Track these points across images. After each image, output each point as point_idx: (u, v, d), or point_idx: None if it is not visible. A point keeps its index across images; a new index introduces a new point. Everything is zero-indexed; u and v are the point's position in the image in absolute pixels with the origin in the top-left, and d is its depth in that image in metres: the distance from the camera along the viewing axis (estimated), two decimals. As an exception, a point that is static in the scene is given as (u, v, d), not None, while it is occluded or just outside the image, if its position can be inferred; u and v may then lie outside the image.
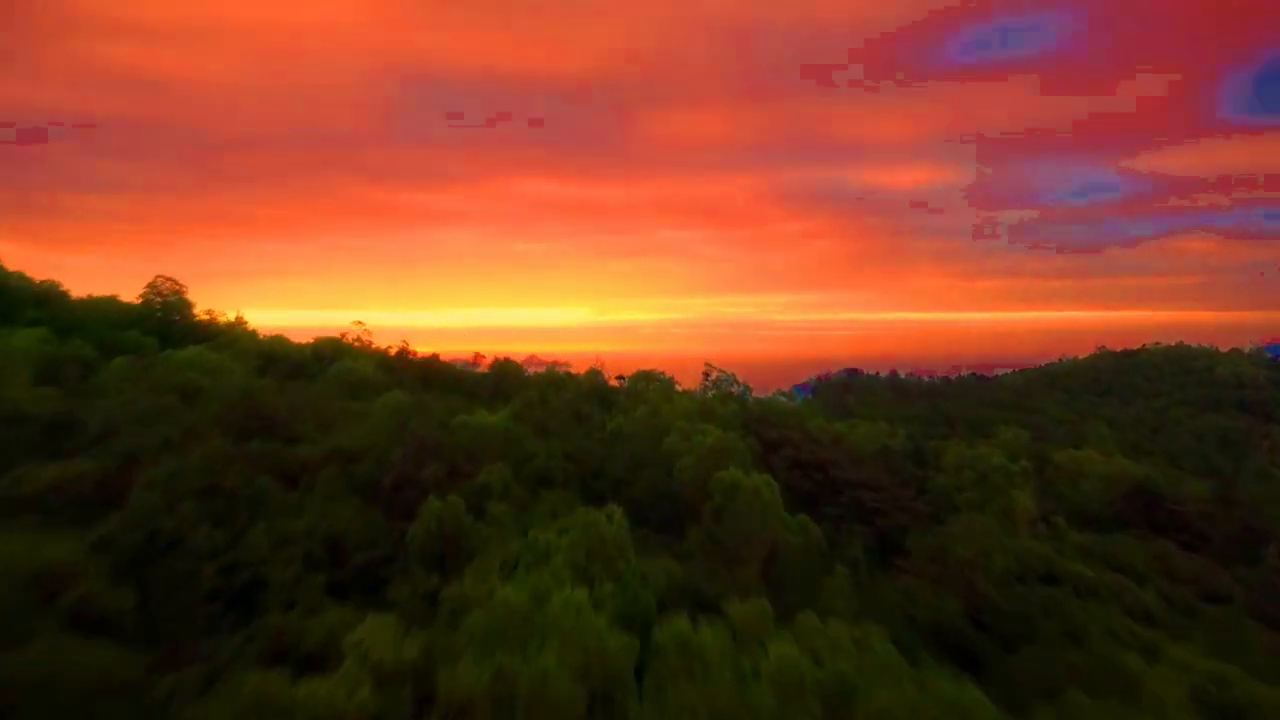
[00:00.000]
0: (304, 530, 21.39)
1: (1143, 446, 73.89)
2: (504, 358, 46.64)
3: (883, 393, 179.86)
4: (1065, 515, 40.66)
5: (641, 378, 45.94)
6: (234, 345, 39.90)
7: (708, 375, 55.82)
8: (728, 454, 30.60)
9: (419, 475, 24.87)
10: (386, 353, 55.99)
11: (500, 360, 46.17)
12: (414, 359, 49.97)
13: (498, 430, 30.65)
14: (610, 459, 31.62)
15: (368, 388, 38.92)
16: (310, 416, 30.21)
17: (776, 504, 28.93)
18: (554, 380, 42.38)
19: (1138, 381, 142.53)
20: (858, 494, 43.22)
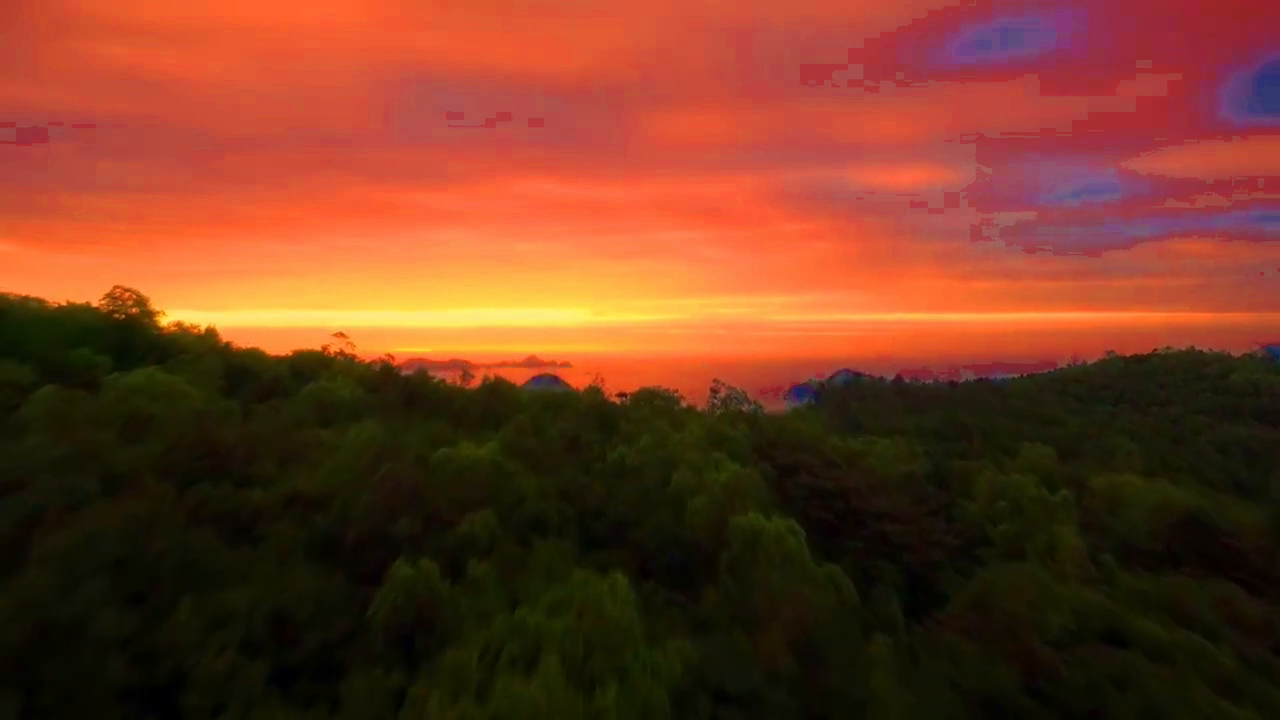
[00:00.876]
0: (246, 605, 17.71)
1: (1170, 462, 70.28)
2: (495, 375, 42.69)
3: (888, 398, 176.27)
4: (1110, 551, 37.08)
5: (645, 397, 42.19)
6: (198, 363, 36.26)
7: (715, 393, 52.11)
8: (745, 493, 27.03)
9: (389, 529, 21.22)
10: (373, 365, 52.40)
11: (491, 380, 42.18)
12: (399, 375, 46.30)
13: (484, 466, 27.00)
14: (612, 498, 27.98)
15: (344, 412, 35.27)
16: (272, 450, 26.52)
17: (803, 555, 25.34)
18: (549, 401, 38.61)
19: (1150, 388, 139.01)
20: (882, 526, 39.59)
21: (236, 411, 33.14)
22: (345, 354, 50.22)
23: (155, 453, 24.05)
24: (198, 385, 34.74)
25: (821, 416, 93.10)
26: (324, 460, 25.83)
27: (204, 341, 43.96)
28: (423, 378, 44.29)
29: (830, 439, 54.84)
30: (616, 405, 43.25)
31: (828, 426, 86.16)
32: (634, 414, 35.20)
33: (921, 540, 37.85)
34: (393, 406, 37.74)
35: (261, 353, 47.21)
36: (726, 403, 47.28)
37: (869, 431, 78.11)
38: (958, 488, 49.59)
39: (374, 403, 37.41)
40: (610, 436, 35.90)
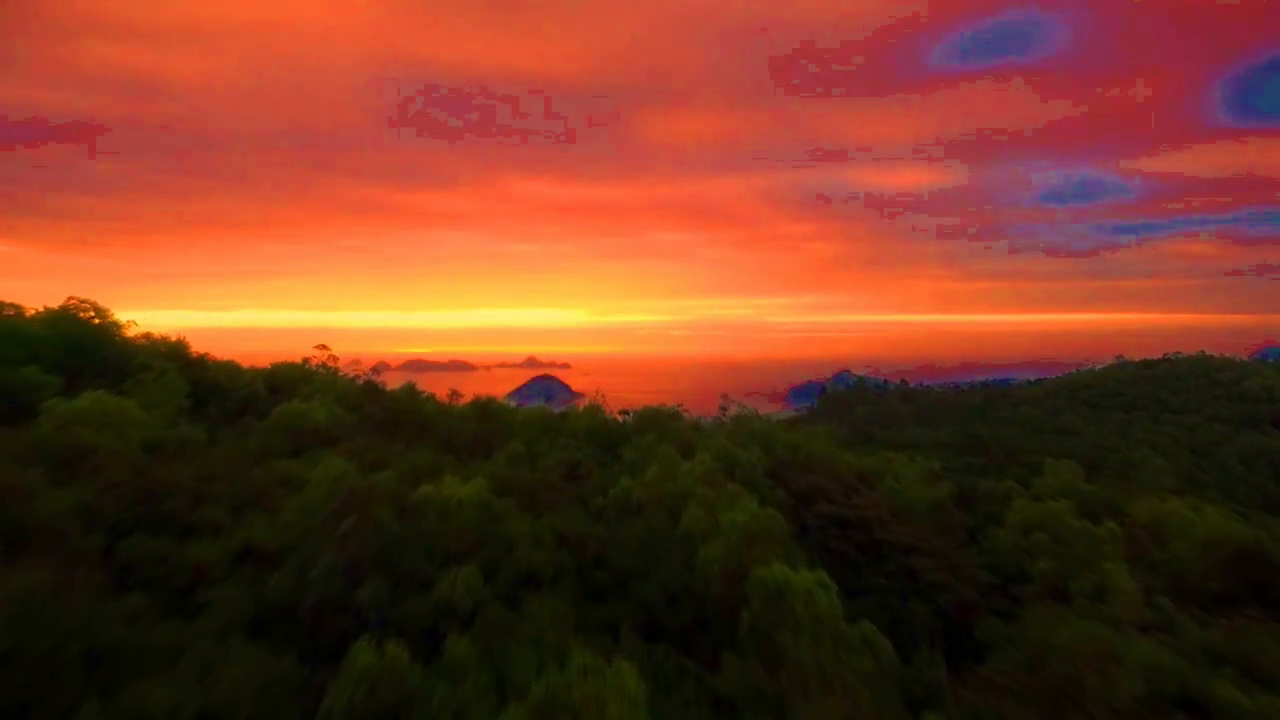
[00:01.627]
0: (167, 707, 14.42)
1: (1196, 478, 67.09)
2: (486, 397, 39.27)
3: (893, 404, 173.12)
4: (1162, 591, 33.86)
5: (650, 417, 38.75)
6: (159, 382, 32.94)
7: (725, 410, 48.78)
8: (766, 538, 23.78)
9: (352, 596, 17.93)
10: (358, 378, 49.04)
11: (482, 400, 38.72)
12: (384, 392, 42.92)
13: (470, 507, 23.71)
14: (615, 541, 24.69)
15: (320, 437, 31.97)
16: (226, 491, 23.21)
17: (835, 615, 22.11)
18: (546, 423, 35.25)
19: (1162, 394, 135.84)
20: (910, 561, 36.30)
21: (197, 439, 29.81)
22: (329, 366, 46.87)
23: (86, 497, 20.72)
24: (157, 408, 31.41)
25: (830, 426, 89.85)
26: (286, 503, 22.51)
27: (174, 354, 40.54)
28: (409, 396, 40.77)
29: (845, 456, 51.60)
30: (619, 425, 39.90)
31: (837, 437, 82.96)
32: (639, 440, 31.94)
33: (955, 577, 34.57)
34: (375, 429, 34.38)
35: (236, 365, 43.85)
36: (739, 424, 43.93)
37: (881, 444, 74.96)
38: (983, 510, 46.36)
39: (354, 426, 34.09)
40: (612, 464, 32.61)
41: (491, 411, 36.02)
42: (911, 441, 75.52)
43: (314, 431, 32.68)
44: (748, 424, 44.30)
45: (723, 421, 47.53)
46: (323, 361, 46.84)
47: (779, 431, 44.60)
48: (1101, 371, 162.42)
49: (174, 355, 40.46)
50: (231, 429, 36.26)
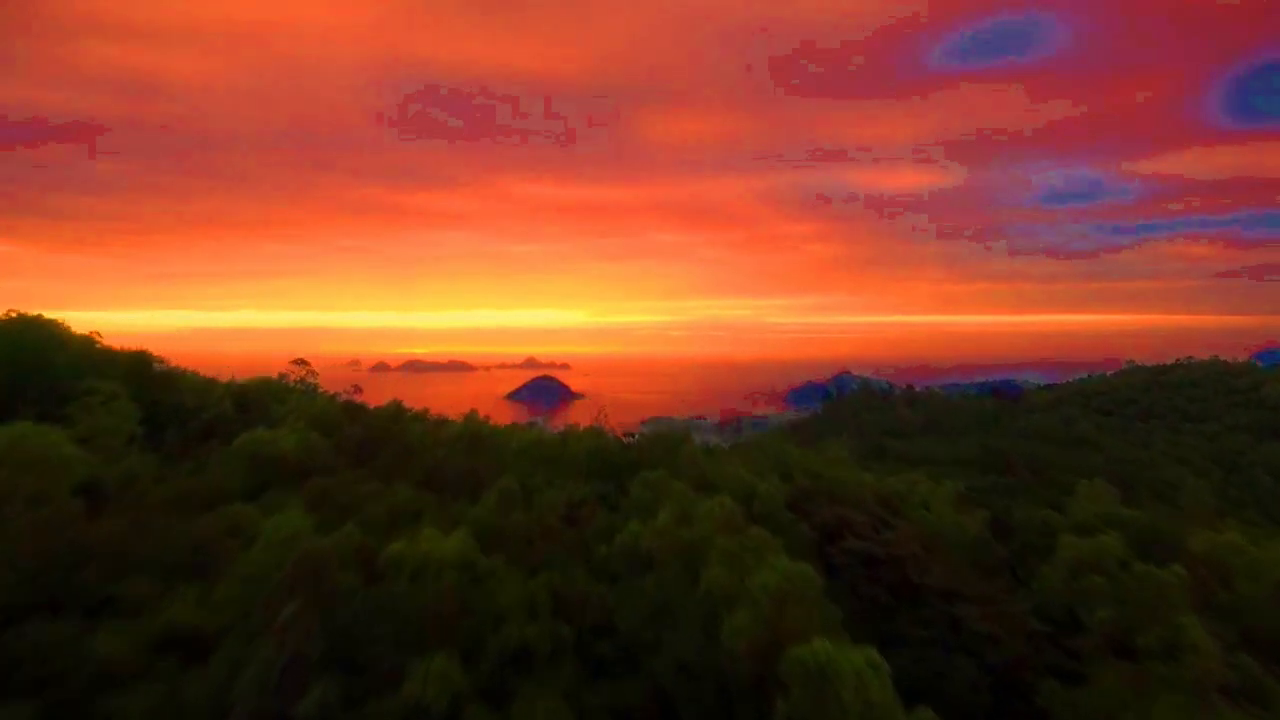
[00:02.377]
0: None
1: (1230, 495, 63.46)
2: (477, 422, 35.23)
3: (900, 409, 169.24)
4: (1236, 644, 30.22)
5: (659, 441, 34.87)
6: (108, 406, 29.15)
7: (738, 432, 45.14)
8: (803, 604, 20.10)
9: (290, 710, 14.21)
10: (339, 395, 45.28)
11: (473, 424, 34.66)
12: (363, 412, 39.05)
13: (451, 566, 19.99)
14: (622, 604, 20.98)
15: (286, 471, 28.18)
16: (159, 550, 19.47)
17: (891, 705, 18.39)
18: (541, 453, 31.28)
19: (1178, 401, 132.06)
20: (952, 608, 32.59)
21: (143, 476, 26.03)
22: (307, 381, 42.98)
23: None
24: (103, 438, 27.64)
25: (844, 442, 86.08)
26: (229, 567, 18.77)
27: (134, 369, 36.67)
28: (392, 417, 36.81)
29: (865, 478, 47.83)
30: (624, 451, 36.03)
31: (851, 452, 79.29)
32: (648, 474, 28.14)
33: (1005, 628, 30.88)
34: (352, 459, 30.56)
35: (205, 381, 40.09)
36: (755, 447, 40.08)
37: (896, 459, 71.31)
38: (1020, 540, 42.65)
39: (328, 454, 30.27)
40: (618, 498, 28.82)
41: (481, 439, 32.08)
42: (928, 456, 71.82)
43: (281, 462, 28.93)
44: (763, 446, 40.52)
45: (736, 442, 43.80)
46: (301, 377, 43.03)
47: (796, 455, 40.97)
48: (1113, 378, 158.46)
49: (134, 371, 36.68)
50: (190, 459, 32.48)
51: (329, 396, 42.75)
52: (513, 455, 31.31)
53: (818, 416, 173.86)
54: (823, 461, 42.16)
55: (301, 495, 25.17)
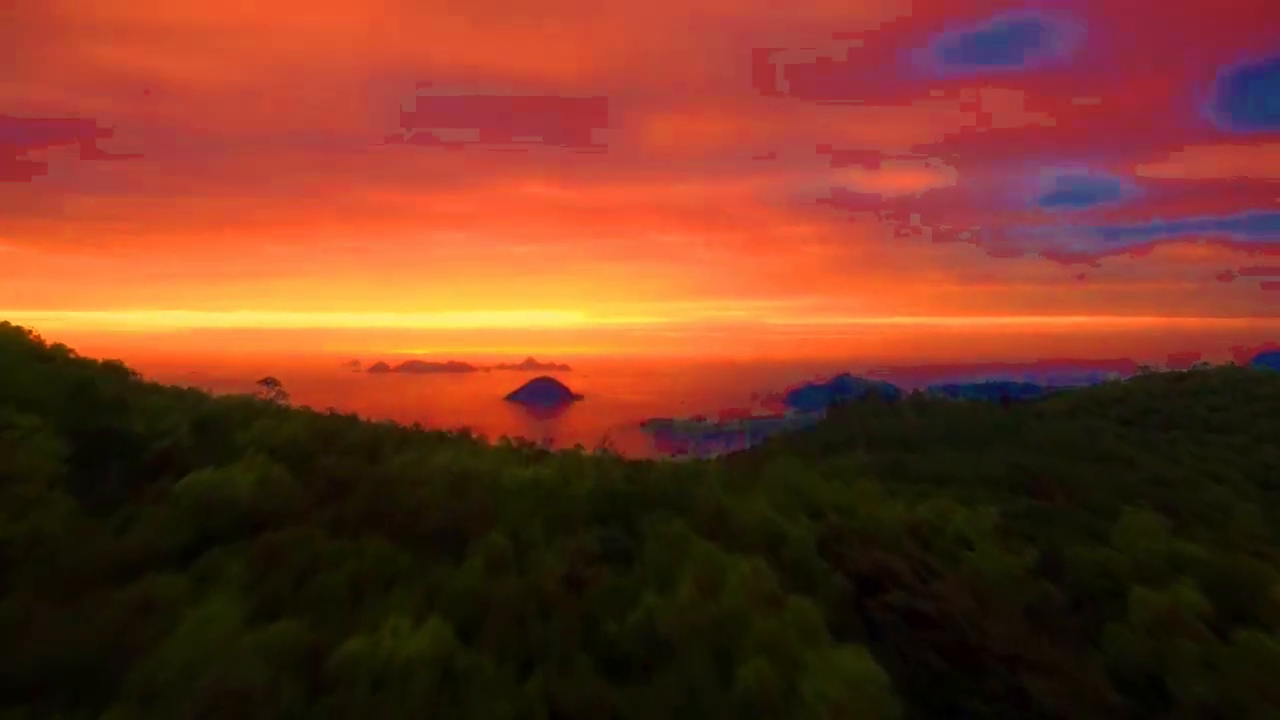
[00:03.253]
0: None
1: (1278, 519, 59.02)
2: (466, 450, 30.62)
3: (907, 415, 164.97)
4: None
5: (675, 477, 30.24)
6: (25, 444, 24.69)
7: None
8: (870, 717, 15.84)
9: None
10: (315, 416, 40.92)
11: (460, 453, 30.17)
12: (343, 434, 34.71)
13: (422, 668, 15.74)
14: (638, 712, 16.72)
15: (238, 520, 23.87)
16: (32, 660, 15.16)
17: None
18: (538, 498, 26.78)
19: (1199, 410, 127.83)
20: (1018, 678, 28.31)
21: (50, 534, 21.63)
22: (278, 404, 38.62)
23: None
24: (10, 486, 23.25)
25: (867, 464, 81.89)
26: (123, 684, 14.44)
27: (77, 392, 32.25)
28: (370, 448, 32.41)
29: (895, 507, 43.52)
30: (632, 481, 31.63)
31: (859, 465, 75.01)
32: (665, 530, 23.80)
33: (1078, 702, 26.66)
34: (318, 503, 26.25)
35: (163, 402, 35.78)
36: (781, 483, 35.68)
37: (915, 477, 66.99)
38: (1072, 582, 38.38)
39: (288, 498, 25.91)
40: (629, 550, 24.49)
41: (467, 483, 27.36)
42: (949, 473, 67.48)
43: (233, 508, 24.64)
44: (784, 476, 36.27)
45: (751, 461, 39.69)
46: (271, 398, 38.56)
47: (824, 488, 36.67)
48: (1129, 383, 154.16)
49: (76, 396, 32.34)
50: (134, 502, 28.11)
51: (306, 417, 38.46)
52: (505, 495, 26.97)
53: (823, 424, 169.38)
54: (854, 494, 37.89)
55: (249, 557, 20.87)
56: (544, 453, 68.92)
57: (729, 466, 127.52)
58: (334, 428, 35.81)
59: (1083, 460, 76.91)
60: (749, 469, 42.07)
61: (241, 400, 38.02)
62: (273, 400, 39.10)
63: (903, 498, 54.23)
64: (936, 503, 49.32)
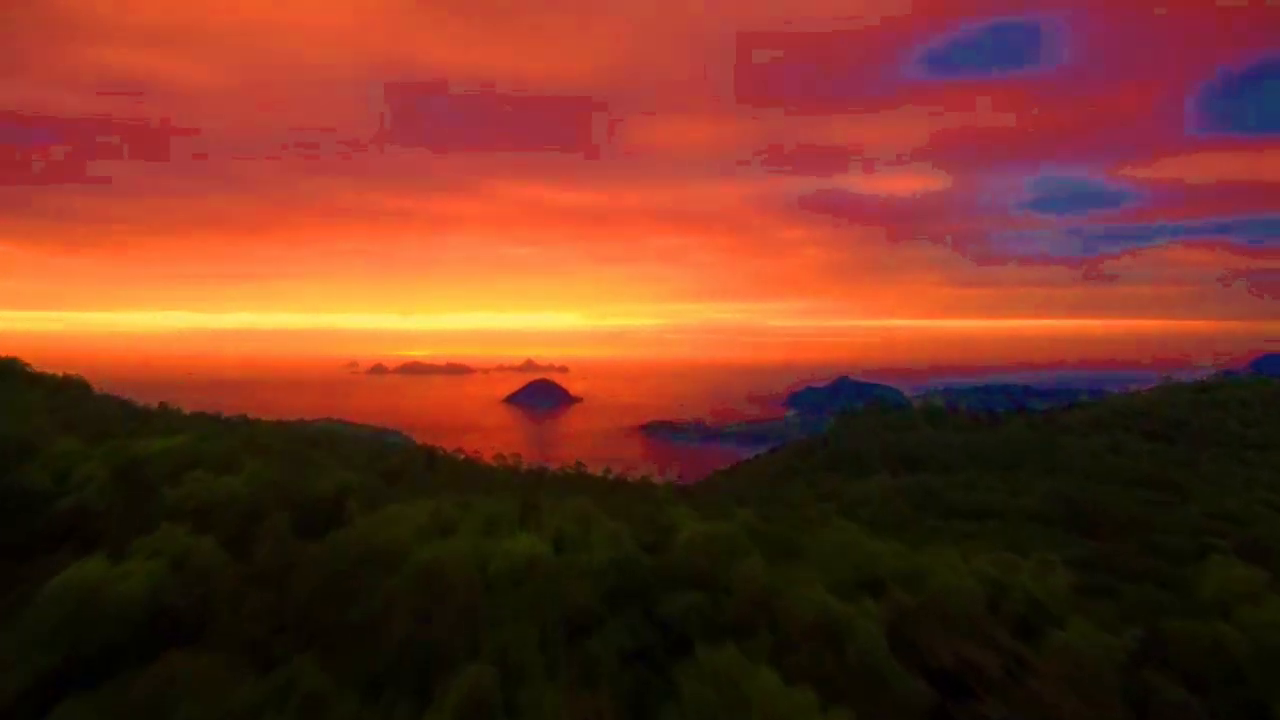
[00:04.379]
0: None
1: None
2: (434, 560, 23.01)
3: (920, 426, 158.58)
4: None
5: (708, 551, 23.82)
6: None
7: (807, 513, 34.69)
8: None
9: None
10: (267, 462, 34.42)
11: (426, 561, 22.46)
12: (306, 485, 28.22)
13: None
14: None
15: (117, 644, 17.65)
16: None
17: None
18: (536, 591, 20.46)
19: (1231, 424, 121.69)
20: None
21: None
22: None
23: None
24: None
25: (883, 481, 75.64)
26: None
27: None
28: (315, 531, 25.16)
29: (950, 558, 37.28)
30: (654, 568, 25.33)
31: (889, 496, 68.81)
32: (712, 663, 17.56)
33: None
34: (243, 613, 20.00)
35: (79, 448, 29.22)
36: (832, 547, 29.22)
37: (951, 510, 60.78)
38: (1176, 658, 32.26)
39: (202, 606, 19.69)
40: (664, 694, 18.40)
41: (437, 576, 20.28)
42: (988, 505, 61.30)
43: (121, 618, 18.43)
44: (833, 536, 29.93)
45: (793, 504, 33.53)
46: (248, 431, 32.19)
47: (883, 552, 30.34)
48: (1151, 394, 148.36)
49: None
50: (23, 581, 21.89)
51: (259, 463, 32.04)
52: (492, 597, 20.63)
53: (833, 434, 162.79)
54: (923, 558, 31.62)
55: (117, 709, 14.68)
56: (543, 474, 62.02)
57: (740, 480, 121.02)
58: (288, 480, 29.45)
59: (1127, 486, 70.79)
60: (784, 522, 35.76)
61: (181, 444, 31.54)
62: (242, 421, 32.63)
63: (945, 537, 48.14)
64: (1003, 556, 43.12)
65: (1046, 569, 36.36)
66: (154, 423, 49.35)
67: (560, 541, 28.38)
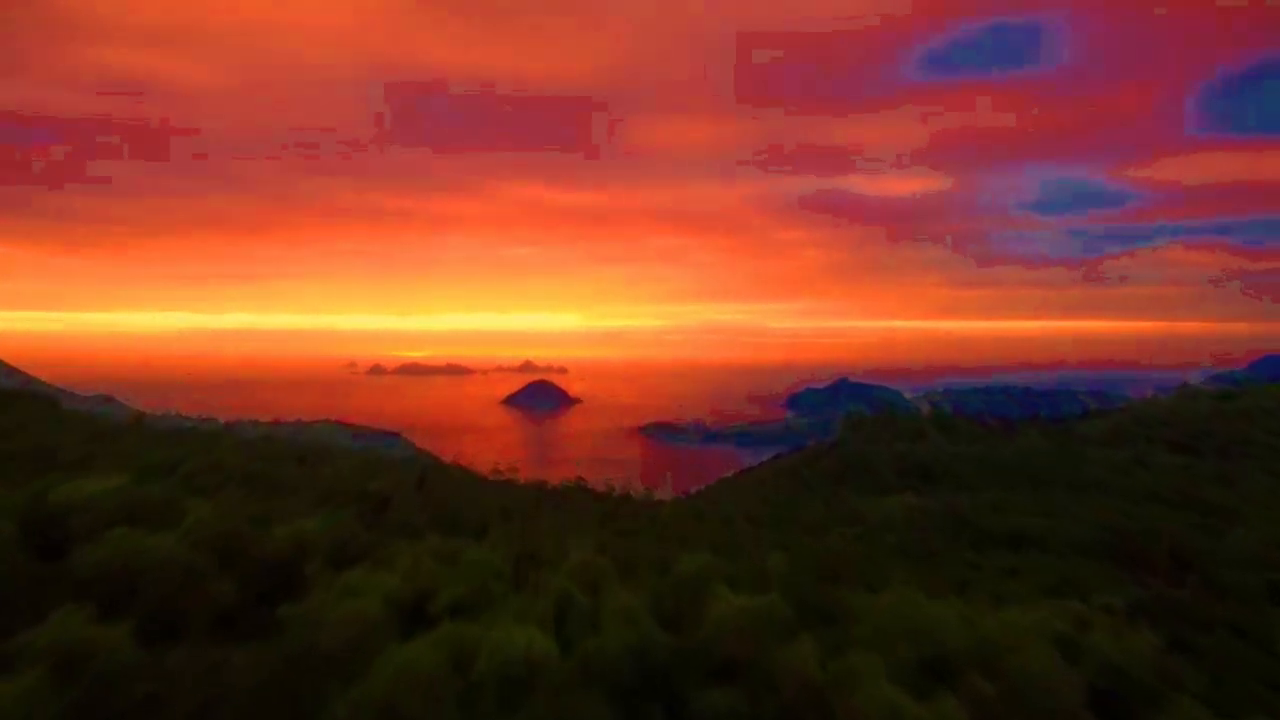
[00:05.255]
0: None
1: None
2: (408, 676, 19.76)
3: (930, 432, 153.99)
4: None
5: (746, 636, 19.60)
6: None
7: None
8: None
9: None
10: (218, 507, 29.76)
11: (404, 678, 18.85)
12: (239, 550, 23.93)
13: None
14: None
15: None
16: None
17: None
18: (538, 692, 16.39)
19: (1257, 435, 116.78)
20: None
21: None
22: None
23: None
24: None
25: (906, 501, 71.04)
26: None
27: None
28: (260, 606, 21.22)
29: (1038, 640, 32.71)
30: (676, 651, 21.16)
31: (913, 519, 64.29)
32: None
33: None
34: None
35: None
36: (889, 615, 24.70)
37: (983, 538, 56.17)
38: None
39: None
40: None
41: (416, 684, 16.03)
42: (1024, 531, 56.70)
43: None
44: (895, 609, 25.25)
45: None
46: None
47: (943, 618, 25.87)
48: (1171, 403, 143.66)
49: None
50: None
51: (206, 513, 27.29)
52: (469, 709, 16.10)
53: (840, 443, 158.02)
54: (991, 625, 27.05)
55: None
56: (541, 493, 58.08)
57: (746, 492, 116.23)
58: (235, 534, 24.72)
59: (1166, 506, 66.21)
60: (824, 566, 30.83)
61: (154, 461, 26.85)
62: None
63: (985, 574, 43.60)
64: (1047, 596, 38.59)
65: (1123, 625, 31.77)
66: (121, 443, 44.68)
67: (563, 614, 23.27)
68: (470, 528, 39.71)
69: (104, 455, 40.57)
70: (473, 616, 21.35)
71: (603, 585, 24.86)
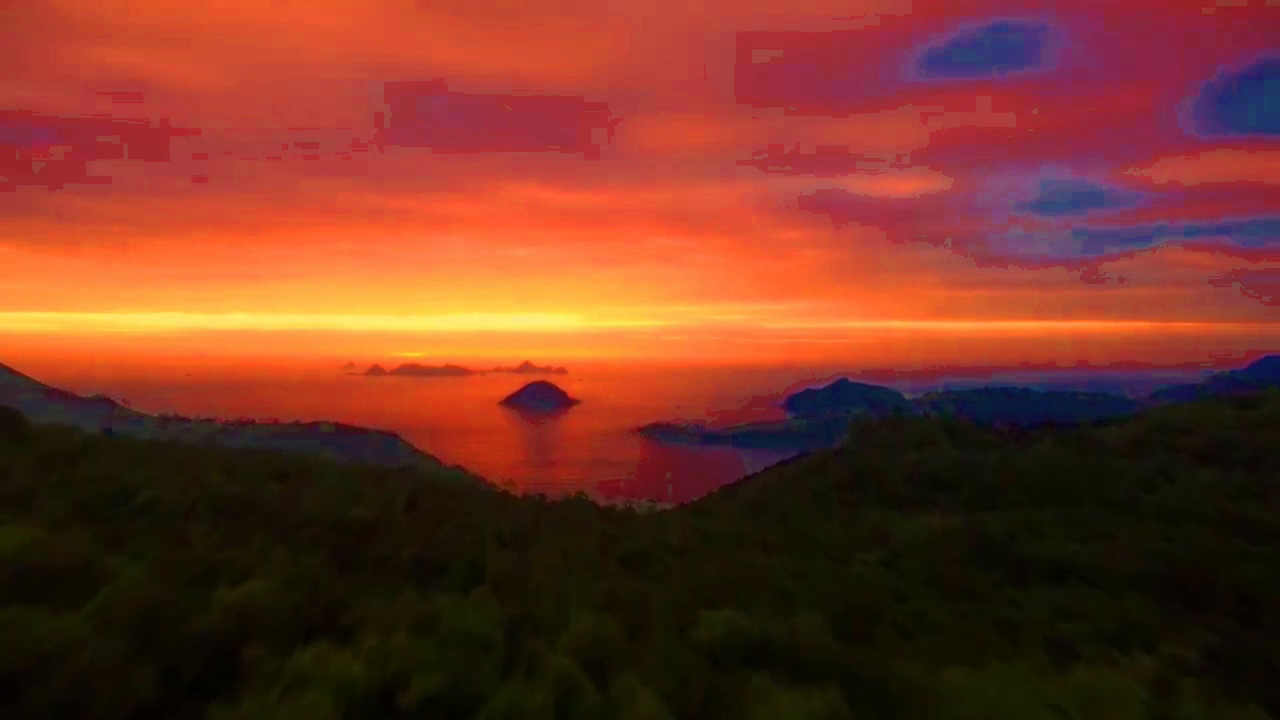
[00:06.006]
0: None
1: None
2: None
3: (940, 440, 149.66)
4: None
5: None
6: None
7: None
8: None
9: None
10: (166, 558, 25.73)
11: None
12: (177, 617, 20.26)
13: None
14: None
15: None
16: None
17: None
18: None
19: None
20: None
21: None
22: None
23: None
24: None
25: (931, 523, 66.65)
26: None
27: None
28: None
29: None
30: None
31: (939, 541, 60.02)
32: None
33: None
34: None
35: None
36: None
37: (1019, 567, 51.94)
38: None
39: None
40: None
41: None
42: (1064, 559, 52.21)
43: None
44: (950, 680, 21.18)
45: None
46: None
47: (1017, 706, 22.09)
48: (1192, 410, 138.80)
49: None
50: None
51: (135, 577, 23.27)
52: None
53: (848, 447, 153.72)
54: (1073, 698, 22.97)
55: None
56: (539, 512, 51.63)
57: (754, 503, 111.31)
58: (168, 601, 20.65)
59: (1209, 528, 61.94)
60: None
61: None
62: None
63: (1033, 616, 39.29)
64: (1124, 654, 34.30)
65: (1214, 690, 27.38)
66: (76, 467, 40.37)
67: (565, 709, 18.08)
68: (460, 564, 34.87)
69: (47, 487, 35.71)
70: (454, 716, 16.31)
71: (611, 664, 19.80)
